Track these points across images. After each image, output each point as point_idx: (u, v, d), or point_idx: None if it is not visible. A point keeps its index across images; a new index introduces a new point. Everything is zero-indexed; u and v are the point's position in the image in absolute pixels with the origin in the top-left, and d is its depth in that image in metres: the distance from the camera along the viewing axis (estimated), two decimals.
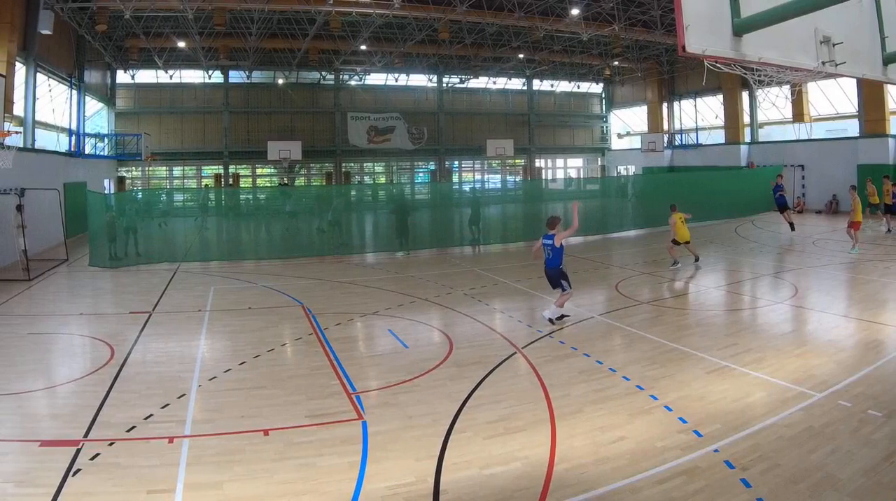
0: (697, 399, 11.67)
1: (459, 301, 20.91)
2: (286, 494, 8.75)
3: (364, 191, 51.53)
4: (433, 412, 11.44)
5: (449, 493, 8.69)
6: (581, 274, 24.35)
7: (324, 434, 10.61)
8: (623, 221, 40.67)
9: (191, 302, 21.51)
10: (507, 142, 68.01)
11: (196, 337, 17.14)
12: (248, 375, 13.83)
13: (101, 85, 55.94)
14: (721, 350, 14.66)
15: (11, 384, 13.14)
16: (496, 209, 42.56)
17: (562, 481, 8.88)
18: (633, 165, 69.90)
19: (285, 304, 20.80)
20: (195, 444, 10.27)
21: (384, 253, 32.58)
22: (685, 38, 9.19)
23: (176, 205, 47.96)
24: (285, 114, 64.63)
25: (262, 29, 49.28)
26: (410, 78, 68.14)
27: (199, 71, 61.25)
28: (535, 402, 11.75)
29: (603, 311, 19.05)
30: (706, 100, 62.12)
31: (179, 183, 64.59)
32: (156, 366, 14.60)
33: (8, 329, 17.93)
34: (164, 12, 43.57)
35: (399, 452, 9.92)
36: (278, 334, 17.36)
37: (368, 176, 71.24)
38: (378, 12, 42.84)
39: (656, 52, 59.89)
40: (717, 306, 19.97)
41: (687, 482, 8.73)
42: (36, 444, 10.20)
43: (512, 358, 14.53)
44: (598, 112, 77.48)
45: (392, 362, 14.68)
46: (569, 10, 44.35)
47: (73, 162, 42.63)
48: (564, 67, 66.23)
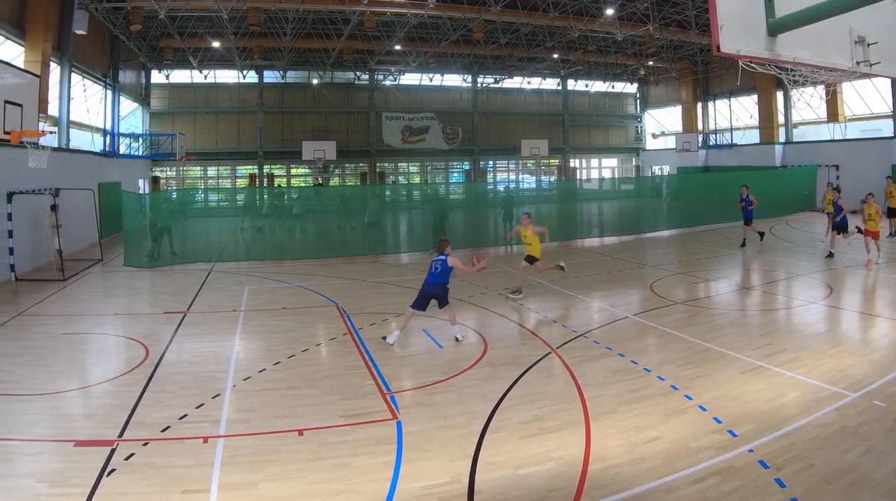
0: (732, 399, 11.64)
1: (494, 301, 20.94)
2: (321, 494, 8.78)
3: (399, 192, 51.53)
4: (468, 412, 11.45)
5: (483, 493, 8.71)
6: (615, 275, 24.35)
7: (358, 434, 10.63)
8: (657, 221, 40.50)
9: (225, 302, 21.57)
10: (541, 142, 67.78)
11: (231, 337, 17.18)
12: (283, 375, 13.87)
13: (136, 85, 56.20)
14: (755, 350, 14.61)
15: (46, 384, 13.23)
16: (530, 209, 42.42)
17: (596, 481, 8.88)
18: (668, 165, 69.57)
19: (320, 304, 20.81)
20: (230, 444, 10.32)
21: (419, 253, 32.60)
22: (720, 37, 9.18)
23: (210, 205, 48.10)
24: (320, 114, 64.65)
25: (296, 29, 49.38)
26: (445, 78, 68.04)
27: (234, 71, 61.41)
28: (570, 402, 11.75)
29: (637, 311, 19.01)
30: (741, 100, 61.75)
31: (214, 183, 64.78)
32: (190, 366, 14.65)
33: (43, 329, 18.03)
34: (199, 12, 43.80)
35: (434, 452, 9.94)
36: (313, 334, 17.39)
37: (403, 176, 71.22)
38: (412, 12, 42.81)
39: (691, 52, 59.55)
40: (751, 306, 19.90)
41: (721, 482, 8.72)
42: (70, 444, 10.25)
43: (546, 358, 14.53)
44: (632, 112, 77.16)
45: (426, 362, 14.70)
46: (603, 10, 44.20)
47: (108, 162, 42.80)
48: (599, 67, 65.91)
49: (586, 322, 17.98)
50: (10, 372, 14.03)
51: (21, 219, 25.69)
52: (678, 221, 40.17)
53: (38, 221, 27.37)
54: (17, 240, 25.28)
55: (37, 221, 27.35)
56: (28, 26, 31.26)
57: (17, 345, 16.36)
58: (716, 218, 37.63)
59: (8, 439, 10.47)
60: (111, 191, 38.09)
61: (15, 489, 8.87)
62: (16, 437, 10.56)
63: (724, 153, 62.48)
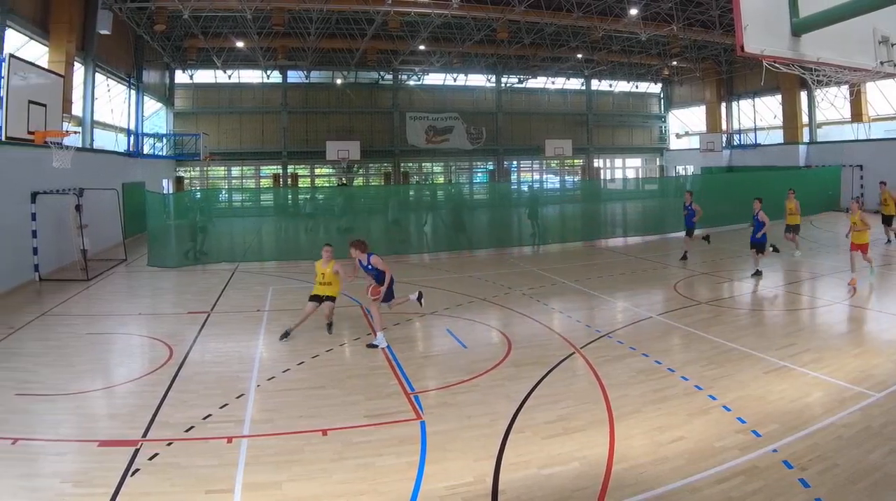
0: (756, 399, 11.62)
1: (518, 301, 20.93)
2: (345, 494, 8.82)
3: (422, 191, 51.51)
4: (492, 412, 11.47)
5: (507, 493, 8.72)
6: (640, 274, 24.35)
7: (382, 434, 10.66)
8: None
9: (249, 302, 21.66)
10: (565, 143, 67.70)
11: (254, 336, 17.25)
12: (307, 375, 13.92)
13: (160, 85, 56.49)
14: (779, 350, 14.58)
15: (70, 384, 13.30)
16: (555, 209, 42.34)
17: (620, 481, 8.89)
18: (692, 165, 69.32)
19: (344, 304, 20.68)
20: (254, 444, 10.37)
21: (444, 253, 32.64)
22: (744, 38, 9.20)
23: (234, 205, 48.21)
24: (344, 114, 64.79)
25: (320, 29, 49.45)
26: (469, 78, 68.09)
27: (258, 71, 61.56)
28: (594, 402, 11.76)
29: (661, 311, 18.99)
30: (764, 100, 61.56)
31: (238, 183, 64.92)
32: (214, 366, 14.72)
33: (67, 329, 18.12)
34: (223, 12, 43.89)
35: (457, 452, 9.96)
36: (337, 334, 17.40)
37: (427, 176, 71.32)
38: (436, 12, 42.77)
39: (715, 52, 59.35)
40: (775, 306, 19.86)
41: (745, 482, 8.72)
42: (94, 444, 10.31)
43: (570, 358, 14.54)
44: (656, 112, 76.98)
45: (450, 362, 14.73)
46: (627, 10, 44.13)
47: (132, 162, 43.00)
48: (623, 67, 65.80)
49: (610, 322, 17.99)
50: (34, 372, 14.14)
51: (45, 219, 25.84)
52: (702, 221, 40.02)
53: (62, 221, 27.52)
54: (41, 240, 25.44)
55: (61, 221, 27.50)
56: (52, 26, 31.37)
57: (41, 345, 16.51)
58: (739, 218, 37.53)
59: (32, 439, 10.53)
60: (135, 191, 38.26)
61: (39, 489, 8.93)
62: (40, 437, 10.63)
63: (748, 153, 62.32)
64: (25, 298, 22.54)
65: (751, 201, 24.38)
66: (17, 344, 16.59)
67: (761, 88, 57.97)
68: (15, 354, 15.57)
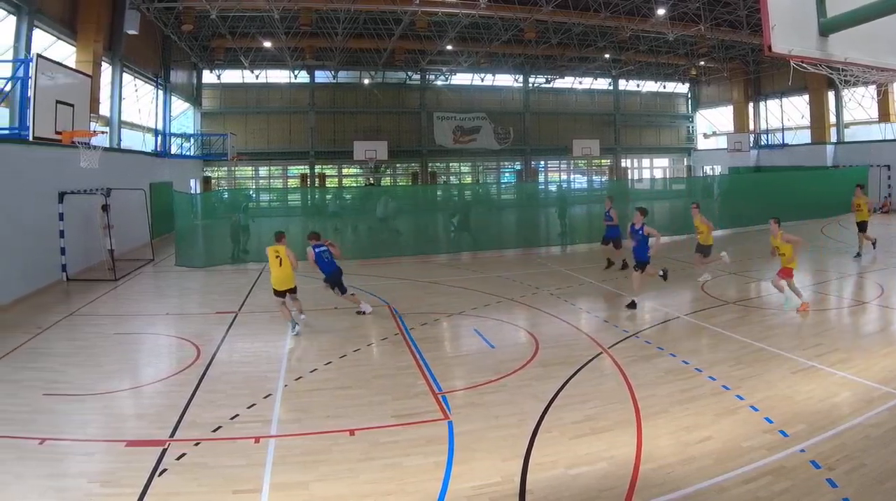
0: (783, 399, 11.62)
1: (545, 301, 20.95)
2: (372, 494, 8.86)
3: (450, 191, 51.49)
4: (519, 412, 11.50)
5: (535, 493, 8.74)
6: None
7: (410, 434, 10.72)
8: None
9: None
10: (592, 142, 67.55)
11: (282, 336, 17.29)
12: (334, 375, 13.99)
13: (187, 85, 56.76)
14: (807, 350, 14.57)
15: (97, 384, 13.41)
16: (582, 209, 42.27)
17: (648, 481, 8.92)
18: (719, 165, 69.19)
19: (371, 304, 20.75)
20: (281, 444, 10.44)
21: (468, 253, 32.65)
22: (771, 38, 9.15)
23: (262, 204, 48.32)
24: (371, 114, 64.89)
25: (347, 29, 49.46)
26: (496, 78, 68.09)
27: (286, 71, 61.63)
28: (621, 402, 11.79)
29: (689, 311, 19.04)
30: (792, 100, 61.32)
31: (265, 183, 65.09)
32: (242, 366, 14.82)
33: (94, 329, 18.27)
34: (250, 12, 43.93)
35: (485, 452, 9.98)
36: (364, 334, 17.49)
37: (454, 176, 71.45)
38: (464, 12, 42.74)
39: (742, 52, 59.15)
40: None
41: (773, 482, 8.72)
42: (122, 444, 10.39)
43: (598, 358, 14.58)
44: (683, 112, 76.68)
45: (478, 362, 14.77)
46: (655, 10, 44.03)
47: (159, 162, 43.31)
48: (650, 67, 65.70)
49: (638, 322, 18.02)
50: (62, 371, 14.26)
51: (72, 219, 26.01)
52: (729, 221, 39.90)
53: (89, 221, 27.72)
54: (69, 240, 25.62)
55: (88, 221, 27.70)
56: (79, 26, 31.54)
57: (68, 345, 16.63)
58: (767, 218, 37.43)
59: (60, 439, 10.64)
60: (163, 190, 38.47)
61: (67, 488, 9.00)
62: (68, 437, 10.73)
63: (775, 153, 62.14)
64: (53, 298, 22.71)
65: (778, 201, 24.30)
66: (45, 344, 16.74)
67: (789, 88, 57.83)
68: (43, 354, 15.71)
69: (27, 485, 9.09)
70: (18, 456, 9.95)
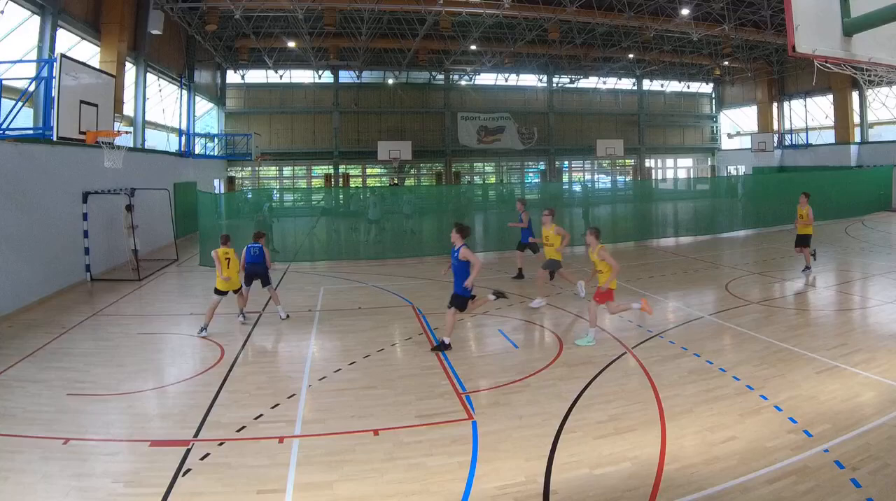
0: (807, 399, 11.60)
1: (569, 301, 20.96)
2: (396, 494, 8.89)
3: (474, 192, 51.51)
4: (543, 412, 11.51)
5: (559, 493, 8.77)
6: (691, 275, 24.22)
7: (434, 434, 10.74)
8: (733, 222, 40.15)
9: (301, 301, 21.72)
10: (616, 143, 67.59)
11: (306, 337, 17.34)
12: (358, 375, 14.00)
13: (211, 85, 57.06)
14: (831, 350, 14.53)
15: (122, 384, 13.50)
16: (606, 209, 42.24)
17: (672, 481, 8.93)
18: (743, 165, 69.18)
19: (395, 304, 20.94)
20: (305, 444, 10.47)
21: (493, 253, 32.72)
22: (795, 38, 9.16)
23: (286, 204, 48.41)
24: (395, 114, 65.17)
25: (372, 29, 49.53)
26: (520, 78, 68.24)
27: (309, 71, 61.90)
28: (645, 402, 11.80)
29: (713, 311, 18.98)
30: (816, 101, 61.18)
31: (289, 183, 65.33)
32: (266, 366, 14.89)
33: (118, 328, 18.36)
34: (274, 12, 44.03)
35: (509, 452, 10.01)
36: (388, 334, 17.50)
37: (478, 176, 71.57)
38: (488, 12, 42.83)
39: (766, 52, 59.14)
40: (827, 306, 19.72)
41: (797, 482, 8.72)
42: (146, 444, 10.46)
43: (622, 358, 14.57)
44: (707, 112, 76.54)
45: (502, 362, 14.76)
46: (679, 11, 43.98)
47: (183, 162, 43.47)
48: (674, 67, 65.76)
49: (662, 322, 17.97)
50: (86, 371, 14.35)
51: (96, 219, 26.19)
52: (754, 221, 39.81)
53: (113, 221, 27.84)
54: (93, 240, 25.76)
55: (112, 221, 27.81)
56: (103, 26, 31.72)
57: (92, 345, 16.72)
58: (792, 218, 37.30)
59: (84, 439, 10.71)
60: (187, 190, 38.70)
61: (91, 488, 9.06)
62: (92, 437, 10.80)
63: (799, 153, 62.13)
64: (77, 298, 22.81)
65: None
66: (69, 344, 16.83)
67: (813, 88, 57.66)
68: (67, 354, 15.81)
69: (51, 485, 9.15)
70: (43, 456, 10.02)
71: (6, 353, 15.75)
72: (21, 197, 21.01)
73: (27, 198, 21.35)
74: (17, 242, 20.59)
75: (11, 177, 20.61)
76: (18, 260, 20.63)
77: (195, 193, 35.18)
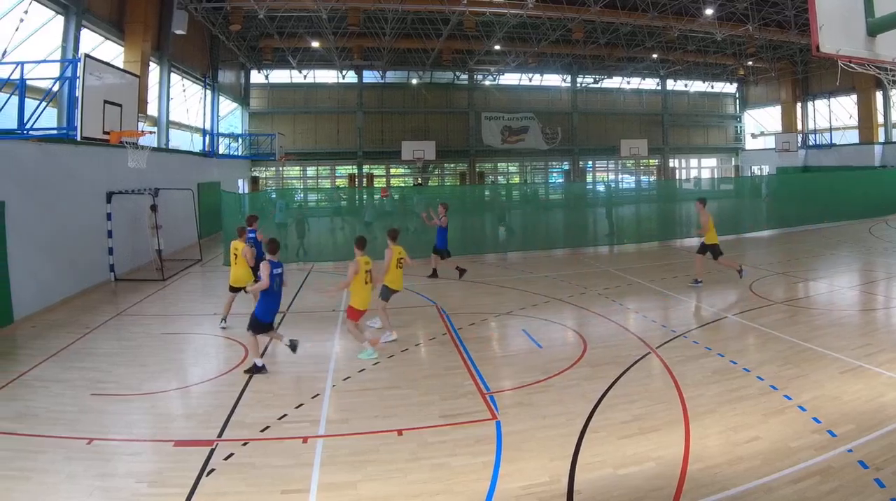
0: (831, 399, 11.59)
1: (593, 301, 20.92)
2: (420, 494, 8.92)
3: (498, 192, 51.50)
4: (567, 412, 11.52)
5: (583, 493, 8.78)
6: (715, 275, 24.11)
7: (458, 434, 10.76)
8: (757, 222, 40.03)
9: (325, 302, 21.74)
10: (640, 142, 67.53)
11: (330, 337, 17.43)
12: (382, 375, 14.04)
13: (235, 85, 57.25)
14: (855, 350, 14.48)
15: (145, 384, 13.57)
16: (630, 209, 42.17)
17: (696, 481, 8.93)
18: (767, 165, 68.99)
19: (419, 304, 20.99)
20: (329, 444, 10.51)
21: (518, 253, 32.64)
22: (819, 38, 9.15)
23: (310, 205, 48.48)
24: (419, 114, 65.24)
25: (395, 29, 49.62)
26: (544, 78, 68.13)
27: (333, 71, 62.02)
28: (669, 402, 11.80)
29: (737, 311, 18.92)
30: (840, 100, 61.13)
31: (313, 183, 65.44)
32: (290, 366, 14.90)
33: (142, 329, 18.45)
34: (298, 12, 44.20)
35: (533, 452, 10.02)
36: (412, 334, 17.54)
37: (502, 176, 71.50)
38: (512, 12, 42.79)
39: (790, 52, 58.98)
40: (851, 306, 19.63)
41: (821, 482, 8.71)
42: (170, 444, 10.53)
43: (646, 358, 14.58)
44: (731, 112, 76.33)
45: (526, 362, 14.76)
46: (703, 10, 43.87)
47: (207, 162, 43.69)
48: (698, 67, 65.54)
49: (686, 322, 17.99)
50: (109, 371, 14.44)
51: (120, 219, 26.29)
52: (778, 221, 39.68)
53: (137, 221, 27.93)
54: (117, 240, 25.87)
55: (136, 221, 27.90)
56: (127, 26, 31.82)
57: (116, 345, 16.84)
58: (816, 218, 37.17)
59: (107, 439, 10.78)
60: (211, 190, 38.81)
61: (114, 488, 9.13)
62: (115, 437, 10.87)
63: (823, 153, 62.07)
64: (101, 298, 22.92)
65: (826, 201, 24.12)
66: (93, 344, 16.92)
67: (837, 88, 57.32)
68: (90, 354, 15.90)
69: (75, 485, 9.22)
70: (66, 456, 10.09)
71: (30, 353, 15.88)
72: (45, 197, 21.11)
73: (51, 198, 21.45)
74: (41, 242, 20.68)
75: (36, 177, 20.72)
76: (42, 261, 20.74)
77: (219, 193, 35.22)
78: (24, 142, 20.11)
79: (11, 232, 18.77)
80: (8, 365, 14.87)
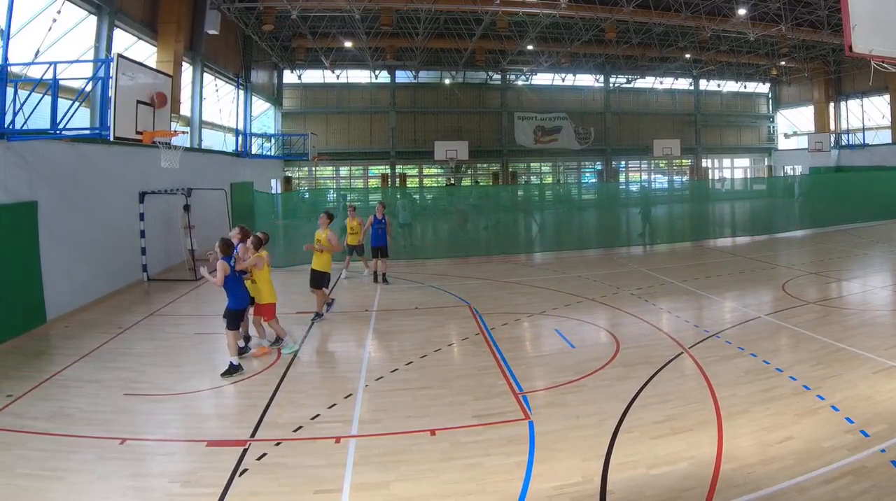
0: (864, 399, 11.57)
1: (626, 301, 20.90)
2: (453, 494, 8.96)
3: (531, 192, 51.41)
4: (600, 412, 11.53)
5: (616, 493, 8.81)
6: (747, 275, 24.11)
7: (490, 435, 10.79)
8: (789, 222, 39.85)
9: (358, 301, 21.89)
10: (673, 143, 67.18)
11: (363, 337, 17.44)
12: (415, 375, 14.06)
13: (268, 85, 57.21)
14: (888, 349, 14.44)
15: (178, 384, 13.66)
16: (663, 209, 42.07)
17: (728, 481, 8.94)
18: (800, 165, 68.64)
19: (452, 304, 21.01)
20: (362, 444, 10.55)
21: (551, 253, 32.62)
22: (852, 38, 9.13)
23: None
24: (452, 114, 65.08)
25: (428, 29, 49.58)
26: (577, 78, 67.79)
27: (366, 71, 61.91)
28: (702, 402, 11.80)
29: (769, 311, 18.87)
30: (873, 100, 60.72)
31: (346, 183, 65.49)
32: (322, 366, 15.09)
33: (175, 328, 18.54)
34: (331, 12, 44.11)
35: (566, 452, 10.04)
36: (445, 334, 17.55)
37: (535, 176, 71.34)
38: (545, 12, 42.61)
39: (823, 52, 58.51)
40: (884, 306, 19.55)
41: (853, 482, 8.71)
42: (203, 444, 10.61)
43: (679, 358, 14.57)
44: (764, 112, 75.83)
45: (559, 362, 14.77)
46: (735, 10, 43.65)
47: (240, 162, 43.77)
48: (731, 67, 65.10)
49: (718, 322, 17.94)
50: (142, 372, 14.52)
51: (153, 219, 26.46)
52: (810, 221, 39.51)
53: (169, 221, 28.12)
54: (149, 240, 26.03)
55: (169, 221, 28.10)
56: (160, 27, 31.94)
57: (149, 345, 16.88)
58: (848, 218, 36.98)
59: (141, 439, 10.86)
60: (243, 190, 38.84)
61: (148, 488, 9.22)
62: (148, 437, 10.95)
63: (856, 153, 61.68)
64: (134, 298, 23.03)
65: (859, 201, 23.99)
66: (126, 344, 17.00)
67: (869, 88, 57.20)
68: (123, 354, 15.98)
69: (108, 485, 9.30)
70: (99, 456, 10.17)
71: (63, 353, 15.99)
72: (78, 197, 21.25)
73: (84, 199, 21.59)
74: (74, 242, 20.83)
75: (68, 178, 20.86)
76: (75, 261, 20.88)
77: (252, 193, 35.40)
78: (56, 143, 20.27)
79: (44, 232, 18.92)
80: (41, 365, 14.99)
